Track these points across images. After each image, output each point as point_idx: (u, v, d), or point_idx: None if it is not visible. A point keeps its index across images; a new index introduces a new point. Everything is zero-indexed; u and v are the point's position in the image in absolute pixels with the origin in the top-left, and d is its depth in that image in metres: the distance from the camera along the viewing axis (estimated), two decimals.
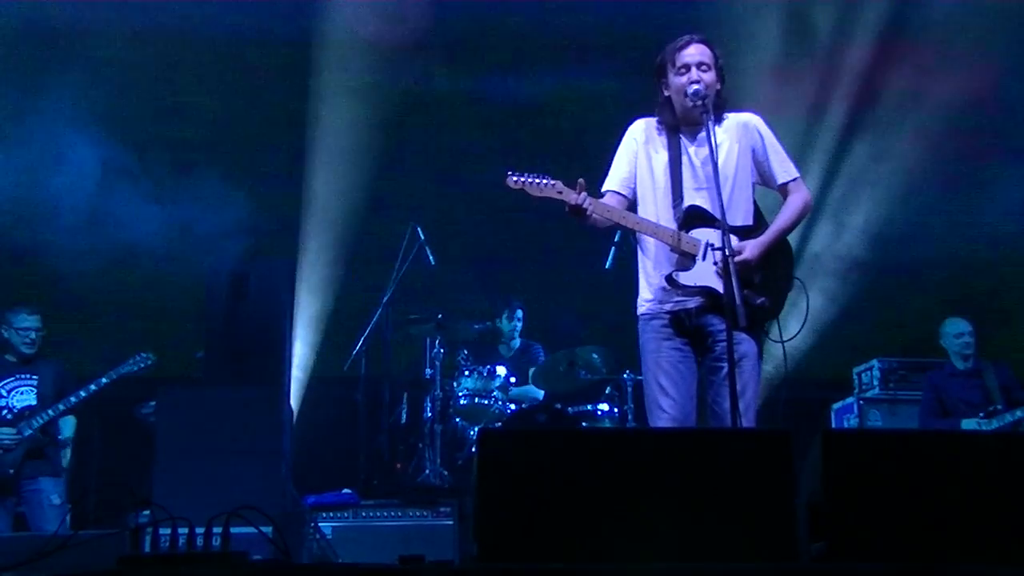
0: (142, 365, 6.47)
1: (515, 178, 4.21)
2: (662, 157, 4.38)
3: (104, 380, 6.38)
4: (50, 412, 6.34)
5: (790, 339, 4.32)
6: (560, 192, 4.20)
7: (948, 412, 7.09)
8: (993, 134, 8.64)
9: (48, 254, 8.41)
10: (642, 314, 4.40)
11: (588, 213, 4.20)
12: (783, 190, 4.45)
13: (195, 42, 8.54)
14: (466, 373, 7.12)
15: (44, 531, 6.03)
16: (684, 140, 4.37)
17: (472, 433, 6.93)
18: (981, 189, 8.58)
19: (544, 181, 4.20)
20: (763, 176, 4.45)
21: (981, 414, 6.89)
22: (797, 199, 4.42)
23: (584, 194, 4.18)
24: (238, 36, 8.58)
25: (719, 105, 4.32)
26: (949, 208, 8.54)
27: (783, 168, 4.44)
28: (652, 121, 4.46)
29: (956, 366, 7.23)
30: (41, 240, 8.43)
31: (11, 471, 6.20)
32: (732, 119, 4.42)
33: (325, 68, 8.50)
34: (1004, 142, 8.67)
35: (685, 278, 4.24)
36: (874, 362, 7.69)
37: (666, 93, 4.39)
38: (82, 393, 6.37)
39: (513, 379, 7.25)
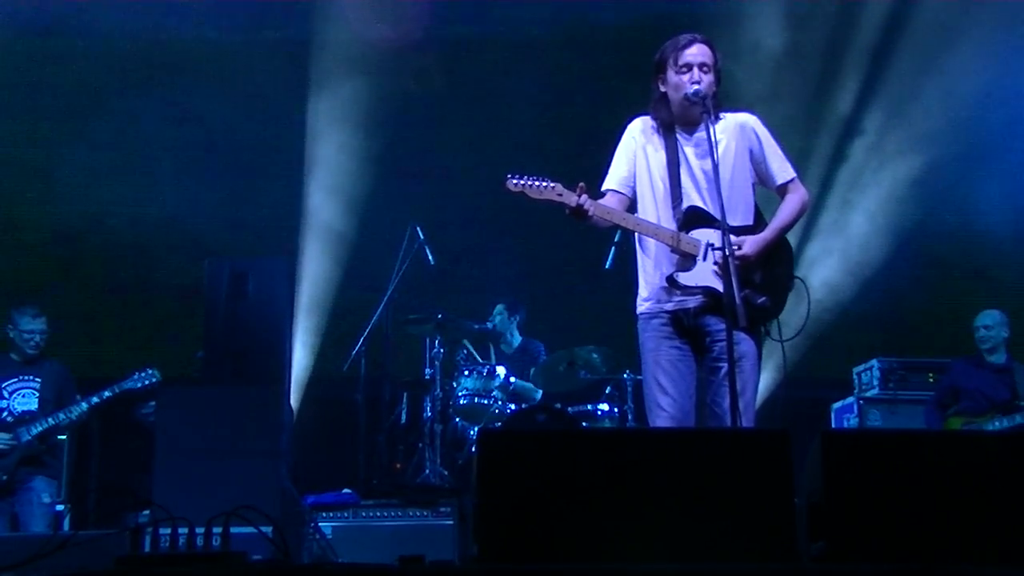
0: (147, 383, 6.39)
1: (515, 181, 4.22)
2: (660, 157, 4.37)
3: (107, 393, 6.35)
4: (49, 420, 6.29)
5: (790, 339, 4.32)
6: (560, 194, 4.20)
7: (962, 404, 7.04)
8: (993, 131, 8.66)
9: (48, 253, 8.43)
10: (641, 313, 4.40)
11: (588, 215, 4.20)
12: (781, 190, 4.44)
13: (194, 41, 8.54)
14: (466, 373, 7.11)
15: (32, 529, 6.05)
16: (681, 140, 4.37)
17: (472, 433, 6.93)
18: (983, 186, 8.59)
19: (544, 184, 4.20)
20: (760, 176, 4.44)
21: (999, 412, 6.86)
22: (795, 198, 4.42)
23: (584, 196, 4.18)
24: (238, 35, 8.59)
25: (716, 106, 4.32)
26: (953, 205, 8.54)
27: (780, 168, 4.44)
28: (649, 119, 4.46)
29: (983, 358, 7.21)
30: (41, 238, 8.45)
31: (4, 477, 6.18)
32: (729, 119, 4.41)
33: (326, 64, 8.52)
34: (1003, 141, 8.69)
35: (686, 278, 4.25)
36: (874, 362, 7.68)
37: (662, 89, 4.38)
38: (84, 405, 6.32)
39: (513, 378, 7.25)
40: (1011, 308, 7.49)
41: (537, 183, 4.20)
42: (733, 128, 4.40)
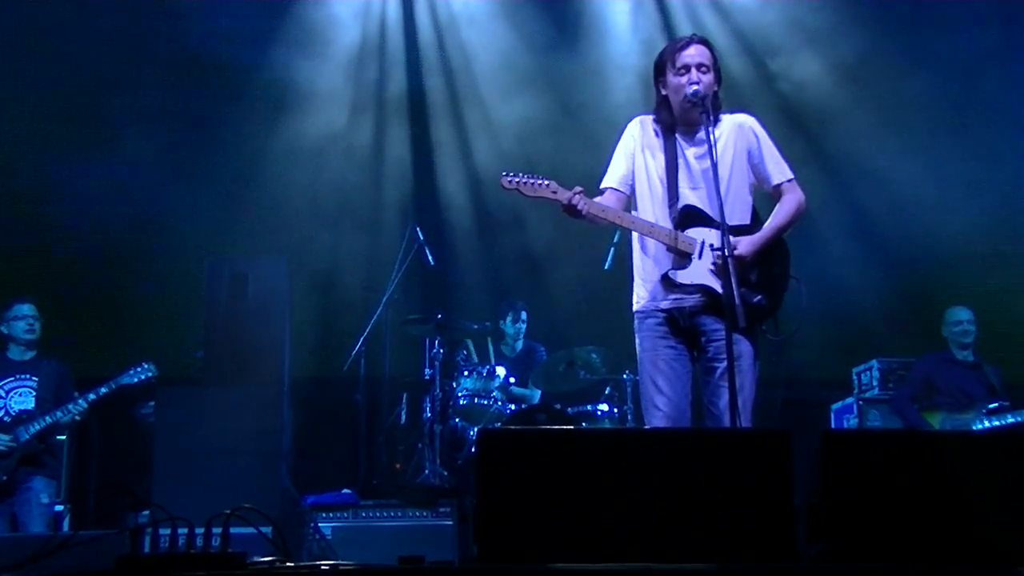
0: (143, 377, 6.36)
1: (509, 178, 4.23)
2: (659, 157, 4.39)
3: (103, 390, 6.32)
4: (47, 419, 6.27)
5: (787, 337, 4.33)
6: (554, 192, 4.22)
7: (938, 399, 7.06)
8: (990, 132, 8.66)
9: (48, 253, 8.43)
10: (637, 311, 4.41)
11: (583, 213, 4.21)
12: (777, 191, 4.46)
13: (194, 39, 8.54)
14: (465, 373, 7.11)
15: (30, 529, 6.05)
16: (681, 141, 4.38)
17: (472, 433, 6.93)
18: (980, 186, 8.60)
19: (538, 181, 4.22)
20: (758, 177, 4.46)
21: (984, 410, 6.87)
22: (792, 200, 4.43)
23: (579, 195, 4.19)
24: (237, 34, 8.58)
25: (716, 106, 4.33)
26: (953, 206, 8.54)
27: (778, 169, 4.45)
28: (649, 119, 4.47)
29: (954, 355, 7.24)
30: (41, 238, 8.45)
31: (4, 477, 6.17)
32: (728, 120, 4.43)
33: (326, 65, 8.52)
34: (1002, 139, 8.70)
35: (682, 276, 4.26)
36: (873, 362, 7.69)
37: (663, 92, 4.39)
38: (81, 402, 6.29)
39: (513, 379, 7.25)
40: (1010, 308, 7.50)
41: (531, 181, 4.21)
42: (731, 129, 4.41)
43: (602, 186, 4.47)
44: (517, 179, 4.22)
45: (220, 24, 8.48)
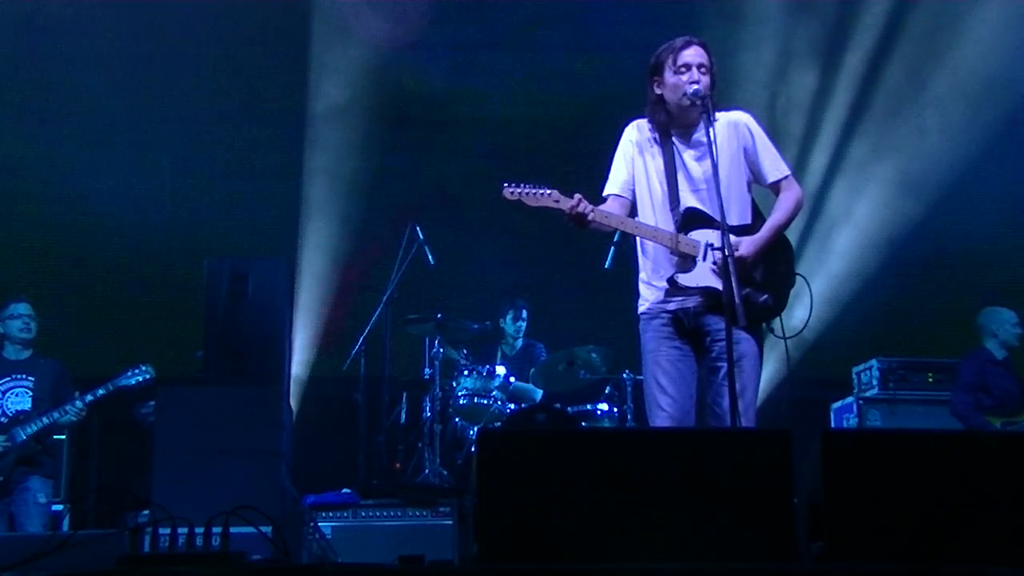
0: (140, 379, 6.36)
1: (511, 189, 4.23)
2: (657, 161, 4.38)
3: (101, 391, 6.31)
4: (44, 420, 6.26)
5: (794, 335, 4.33)
6: (557, 201, 4.21)
7: (984, 400, 6.99)
8: (989, 132, 8.66)
9: (48, 252, 8.43)
10: (643, 313, 4.41)
11: (586, 220, 4.20)
12: (775, 188, 4.45)
13: (192, 39, 8.54)
14: (465, 373, 7.11)
15: (27, 529, 6.06)
16: (677, 142, 4.37)
17: (471, 433, 6.93)
18: (984, 185, 8.60)
19: (540, 191, 4.21)
20: (755, 174, 4.45)
21: None
22: (789, 196, 4.42)
23: (582, 202, 4.18)
24: (236, 33, 8.59)
25: (712, 107, 4.32)
26: (951, 206, 8.54)
27: (774, 166, 4.44)
28: (645, 123, 4.46)
29: (995, 355, 7.18)
30: (39, 239, 8.45)
31: (1, 478, 6.16)
32: (722, 119, 4.41)
33: (325, 65, 8.52)
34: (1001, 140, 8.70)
35: (686, 279, 4.25)
36: (873, 362, 7.68)
37: (658, 92, 4.37)
38: (78, 403, 6.29)
39: (512, 378, 7.25)
40: (1011, 307, 7.49)
41: (533, 190, 4.21)
42: (727, 127, 4.40)
43: (605, 193, 4.46)
44: (519, 189, 4.22)
45: (218, 25, 8.48)
